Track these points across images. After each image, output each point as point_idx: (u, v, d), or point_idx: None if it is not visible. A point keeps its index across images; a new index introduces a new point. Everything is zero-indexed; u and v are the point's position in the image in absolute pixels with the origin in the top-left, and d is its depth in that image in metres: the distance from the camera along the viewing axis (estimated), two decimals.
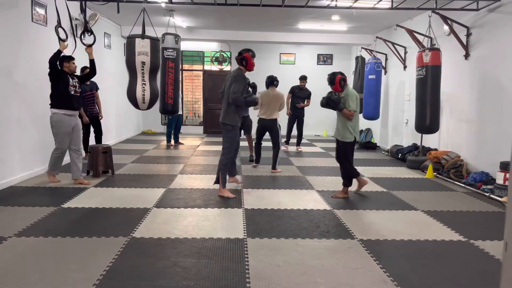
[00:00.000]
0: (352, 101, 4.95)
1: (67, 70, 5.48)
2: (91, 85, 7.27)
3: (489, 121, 6.07)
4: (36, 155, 6.05)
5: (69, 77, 5.46)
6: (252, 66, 5.02)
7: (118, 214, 4.32)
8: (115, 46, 9.93)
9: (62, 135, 5.42)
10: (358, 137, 5.16)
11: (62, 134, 5.41)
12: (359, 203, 4.96)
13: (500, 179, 5.25)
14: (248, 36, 10.98)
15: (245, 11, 8.08)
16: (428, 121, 6.55)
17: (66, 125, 5.41)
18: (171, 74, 6.71)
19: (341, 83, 4.98)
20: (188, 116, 13.49)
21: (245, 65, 4.98)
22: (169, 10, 8.17)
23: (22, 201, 4.72)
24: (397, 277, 2.94)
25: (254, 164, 7.29)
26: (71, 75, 5.52)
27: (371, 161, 8.14)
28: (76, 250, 3.34)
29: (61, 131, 5.40)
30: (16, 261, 3.11)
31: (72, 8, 6.86)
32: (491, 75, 6.05)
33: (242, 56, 4.99)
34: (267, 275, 2.95)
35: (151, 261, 3.14)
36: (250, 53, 5.02)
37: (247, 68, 5.00)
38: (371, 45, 10.66)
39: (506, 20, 5.74)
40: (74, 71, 5.59)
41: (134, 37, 5.96)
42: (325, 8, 6.80)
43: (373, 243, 3.60)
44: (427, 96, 6.50)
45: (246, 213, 4.43)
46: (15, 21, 5.58)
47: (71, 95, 5.41)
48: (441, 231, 3.98)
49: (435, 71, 6.47)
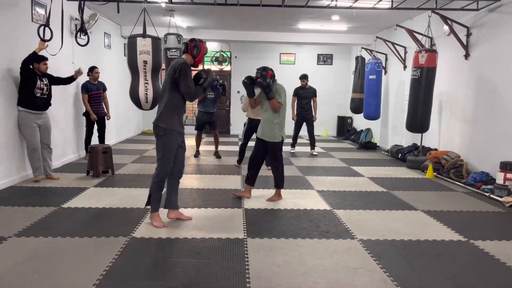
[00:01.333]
0: (282, 94, 4.78)
1: (37, 71, 5.53)
2: (98, 85, 7.33)
3: (489, 121, 6.07)
4: None
5: (38, 79, 5.54)
6: (201, 60, 4.11)
7: (118, 214, 4.32)
8: (115, 46, 9.92)
9: (29, 134, 5.54)
10: (285, 136, 4.95)
11: (29, 133, 5.54)
12: (359, 203, 4.96)
13: (500, 179, 5.25)
14: (248, 36, 10.99)
15: (245, 11, 8.08)
16: (419, 121, 6.71)
17: (31, 123, 5.53)
18: None
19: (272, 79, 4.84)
20: (188, 116, 13.48)
21: (195, 55, 3.97)
22: (169, 10, 8.17)
23: (22, 201, 4.72)
24: (397, 277, 2.94)
25: (237, 164, 7.29)
26: (41, 77, 5.59)
27: (371, 161, 8.14)
28: (76, 250, 3.34)
29: (27, 130, 5.53)
30: (16, 261, 3.10)
31: (72, 8, 6.87)
32: (491, 75, 6.05)
33: (196, 43, 3.99)
34: (267, 275, 2.95)
35: (151, 261, 3.15)
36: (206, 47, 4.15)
37: (196, 60, 4.00)
38: (371, 45, 10.66)
39: (506, 20, 5.74)
40: (44, 72, 5.64)
41: (136, 36, 5.96)
42: (325, 8, 6.81)
43: (373, 243, 3.60)
44: (419, 97, 6.64)
45: (246, 213, 4.43)
46: (15, 21, 5.58)
47: (36, 96, 5.52)
48: (441, 231, 3.98)
49: (429, 73, 6.54)
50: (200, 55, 3.99)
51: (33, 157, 5.59)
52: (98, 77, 7.31)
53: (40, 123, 5.65)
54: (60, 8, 5.78)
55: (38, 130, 5.64)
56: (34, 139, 5.57)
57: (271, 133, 4.82)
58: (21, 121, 5.51)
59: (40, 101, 5.60)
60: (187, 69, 3.83)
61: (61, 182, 5.67)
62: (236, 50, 12.85)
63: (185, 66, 3.82)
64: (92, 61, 7.97)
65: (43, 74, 5.64)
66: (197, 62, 4.01)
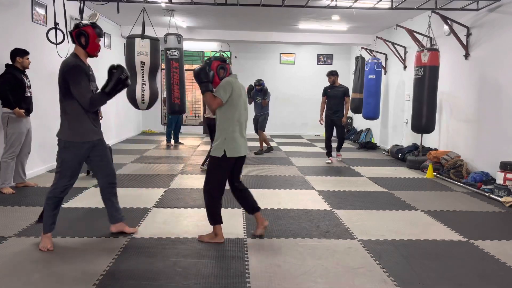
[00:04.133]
0: (224, 88, 3.44)
1: (20, 67, 5.04)
2: None
3: (489, 121, 6.07)
4: (36, 155, 6.04)
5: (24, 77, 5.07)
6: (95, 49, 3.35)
7: None
8: (115, 46, 9.92)
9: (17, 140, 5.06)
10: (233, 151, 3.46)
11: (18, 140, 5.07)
12: (359, 203, 4.96)
13: (500, 179, 5.25)
14: (248, 36, 10.99)
15: (245, 11, 8.07)
16: (425, 121, 6.62)
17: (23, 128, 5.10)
18: (176, 75, 6.72)
19: (219, 73, 3.57)
20: (188, 116, 13.49)
21: (83, 45, 3.30)
22: (169, 10, 8.17)
23: (22, 201, 4.72)
24: (397, 277, 2.94)
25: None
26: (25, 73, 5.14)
27: (371, 161, 8.14)
28: (76, 250, 3.34)
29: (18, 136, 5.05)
30: (16, 261, 3.11)
31: (72, 8, 6.87)
32: (491, 75, 6.05)
33: (80, 30, 3.27)
34: (267, 275, 2.95)
35: (151, 261, 3.14)
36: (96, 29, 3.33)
37: (88, 50, 3.33)
38: (371, 45, 10.66)
39: (506, 20, 5.74)
40: (27, 67, 5.15)
41: (134, 37, 5.96)
42: (325, 8, 6.81)
43: (373, 243, 3.60)
44: (424, 96, 6.58)
45: (246, 213, 4.43)
46: (15, 21, 5.58)
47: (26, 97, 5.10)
48: (441, 231, 3.98)
49: (433, 71, 6.51)
50: (91, 43, 3.29)
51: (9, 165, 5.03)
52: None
53: (28, 127, 5.22)
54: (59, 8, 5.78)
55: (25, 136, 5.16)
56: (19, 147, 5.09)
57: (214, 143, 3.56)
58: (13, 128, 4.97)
59: (30, 102, 5.21)
60: (78, 72, 3.20)
61: None
62: (236, 50, 12.85)
63: (74, 70, 3.20)
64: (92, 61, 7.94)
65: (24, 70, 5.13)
66: (91, 52, 3.34)
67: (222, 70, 3.57)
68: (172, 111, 7.02)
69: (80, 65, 3.27)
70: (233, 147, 3.46)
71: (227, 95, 3.43)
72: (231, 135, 3.46)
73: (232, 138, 3.46)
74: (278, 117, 13.00)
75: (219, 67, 3.56)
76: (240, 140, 3.52)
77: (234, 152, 3.47)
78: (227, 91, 3.43)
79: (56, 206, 3.40)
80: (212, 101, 3.45)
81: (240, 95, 3.52)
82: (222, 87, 3.45)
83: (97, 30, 3.34)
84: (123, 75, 3.25)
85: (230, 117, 3.48)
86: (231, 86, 3.45)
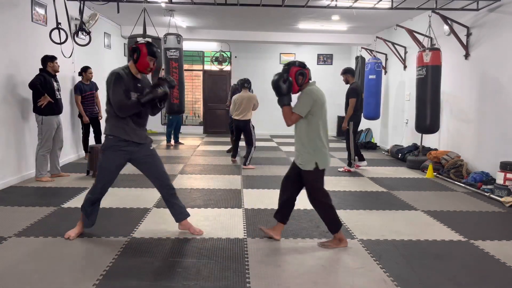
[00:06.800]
0: (303, 102, 3.32)
1: (51, 71, 5.67)
2: (91, 85, 7.25)
3: (489, 121, 6.07)
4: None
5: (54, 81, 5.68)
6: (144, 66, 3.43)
7: (118, 214, 4.32)
8: (115, 46, 9.92)
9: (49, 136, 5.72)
10: (324, 163, 3.40)
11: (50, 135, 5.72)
12: (359, 203, 4.96)
13: (500, 179, 5.25)
14: (248, 36, 10.99)
15: (245, 11, 8.07)
16: (429, 121, 6.53)
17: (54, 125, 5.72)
18: (175, 74, 6.73)
19: (298, 80, 3.38)
20: (188, 116, 13.49)
21: (135, 60, 3.44)
22: (169, 10, 8.17)
23: (22, 201, 4.72)
24: (397, 277, 2.94)
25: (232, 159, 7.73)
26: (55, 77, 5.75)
27: (371, 161, 8.14)
28: (76, 250, 3.34)
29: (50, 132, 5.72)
30: (16, 261, 3.11)
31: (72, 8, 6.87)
32: (491, 75, 6.05)
33: (135, 46, 3.44)
34: (267, 275, 2.95)
35: (151, 261, 3.14)
36: (148, 48, 3.41)
37: (137, 65, 3.45)
38: (371, 45, 10.66)
39: (506, 20, 5.74)
40: (58, 70, 5.81)
41: (135, 37, 5.97)
42: (325, 8, 6.80)
43: (373, 243, 3.60)
44: (427, 96, 6.49)
45: (246, 213, 4.43)
46: (15, 21, 5.58)
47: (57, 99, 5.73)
48: (441, 231, 3.98)
49: (435, 71, 6.46)
50: (140, 60, 3.40)
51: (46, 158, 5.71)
52: (91, 77, 7.20)
53: (58, 124, 5.83)
54: (60, 8, 5.79)
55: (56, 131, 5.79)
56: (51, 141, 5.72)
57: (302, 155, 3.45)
58: (47, 125, 5.60)
59: (60, 103, 5.81)
60: (115, 79, 3.34)
61: (61, 182, 5.68)
62: (236, 50, 12.85)
63: (112, 76, 3.36)
64: (92, 61, 7.96)
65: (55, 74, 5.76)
66: (139, 68, 3.44)
67: (301, 76, 3.38)
68: (171, 111, 7.03)
69: (119, 72, 3.39)
70: (323, 158, 3.39)
71: (307, 108, 3.29)
72: (319, 146, 3.36)
73: (319, 149, 3.37)
74: (278, 117, 12.98)
75: (298, 73, 3.37)
76: (327, 150, 3.45)
77: (325, 163, 3.39)
78: (307, 105, 3.30)
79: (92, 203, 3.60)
80: (289, 117, 3.35)
81: (323, 104, 3.37)
82: (301, 102, 3.31)
83: (148, 49, 3.41)
84: (161, 92, 3.37)
85: (314, 128, 3.36)
86: (312, 99, 3.31)
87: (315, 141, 3.36)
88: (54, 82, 5.69)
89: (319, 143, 3.37)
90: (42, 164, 5.66)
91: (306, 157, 3.38)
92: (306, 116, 3.32)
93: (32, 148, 5.85)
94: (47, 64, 5.63)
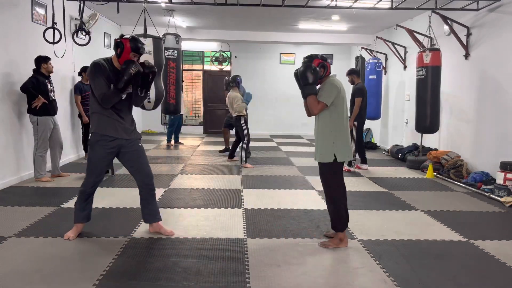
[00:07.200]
0: (329, 91, 3.29)
1: (45, 72, 5.61)
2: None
3: (489, 121, 6.07)
4: None
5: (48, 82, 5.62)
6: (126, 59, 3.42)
7: (118, 214, 4.32)
8: None
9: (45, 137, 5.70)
10: (347, 155, 3.40)
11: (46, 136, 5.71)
12: (359, 203, 4.96)
13: (500, 179, 5.25)
14: (248, 36, 10.99)
15: (245, 11, 8.07)
16: (429, 121, 6.56)
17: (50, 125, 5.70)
18: (172, 74, 6.71)
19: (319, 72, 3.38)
20: (188, 116, 13.49)
21: (118, 54, 3.43)
22: (169, 10, 8.17)
23: (22, 201, 4.72)
24: (397, 277, 2.94)
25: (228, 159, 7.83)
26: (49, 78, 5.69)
27: (371, 161, 8.14)
28: (76, 250, 3.34)
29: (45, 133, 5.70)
30: (16, 261, 3.10)
31: (72, 8, 6.87)
32: (491, 75, 6.05)
33: (119, 41, 3.44)
34: (267, 275, 2.95)
35: (151, 261, 3.14)
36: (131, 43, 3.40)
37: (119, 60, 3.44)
38: (371, 45, 10.66)
39: (506, 20, 5.74)
40: (51, 71, 5.74)
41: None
42: (325, 8, 6.80)
43: (373, 243, 3.60)
44: (427, 97, 6.52)
45: (246, 213, 4.43)
46: (15, 21, 5.58)
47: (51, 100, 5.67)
48: (441, 231, 3.98)
49: (435, 71, 6.48)
50: (123, 55, 3.40)
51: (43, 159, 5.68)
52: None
53: (54, 123, 5.79)
54: (58, 8, 5.78)
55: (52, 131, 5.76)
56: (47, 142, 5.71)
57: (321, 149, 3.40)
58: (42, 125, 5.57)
59: (54, 104, 5.75)
60: (94, 70, 3.34)
61: (61, 182, 5.68)
62: (236, 50, 12.85)
63: (91, 68, 3.36)
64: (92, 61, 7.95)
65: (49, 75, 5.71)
66: (121, 62, 3.43)
67: (323, 69, 3.34)
68: (167, 111, 7.03)
69: (99, 62, 3.38)
70: (343, 150, 3.35)
71: (332, 98, 3.27)
72: (340, 138, 3.33)
73: (341, 142, 3.34)
74: (278, 117, 13.02)
75: (319, 65, 3.31)
76: (349, 143, 3.42)
77: (344, 155, 3.36)
78: (333, 93, 3.27)
79: (84, 199, 3.61)
80: (315, 106, 3.29)
81: (344, 97, 3.36)
82: (326, 90, 3.29)
83: (132, 44, 3.40)
84: (133, 69, 3.32)
85: (336, 119, 3.33)
86: (336, 88, 3.29)
87: (337, 133, 3.34)
88: (48, 83, 5.63)
89: (340, 135, 3.35)
90: (40, 165, 5.65)
91: (325, 149, 3.36)
92: (330, 107, 3.30)
93: (31, 148, 5.84)
94: (40, 65, 5.57)
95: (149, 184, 3.71)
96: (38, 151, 5.62)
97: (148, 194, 3.72)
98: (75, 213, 3.65)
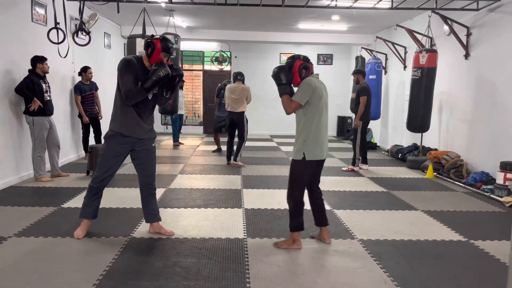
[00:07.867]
0: (303, 90, 3.32)
1: (40, 72, 5.55)
2: (91, 85, 7.24)
3: (489, 121, 6.07)
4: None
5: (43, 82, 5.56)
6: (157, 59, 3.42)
7: (118, 214, 4.32)
8: (115, 46, 9.92)
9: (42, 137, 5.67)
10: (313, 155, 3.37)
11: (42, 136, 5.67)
12: (359, 203, 4.96)
13: (500, 179, 5.25)
14: (248, 36, 10.99)
15: (245, 11, 8.07)
16: (420, 121, 6.81)
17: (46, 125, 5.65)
18: None
19: (301, 73, 3.39)
20: (188, 116, 13.49)
21: (148, 54, 3.42)
22: (169, 10, 8.17)
23: (22, 201, 4.72)
24: (397, 277, 2.94)
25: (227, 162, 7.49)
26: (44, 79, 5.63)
27: (371, 161, 8.13)
28: (76, 250, 3.34)
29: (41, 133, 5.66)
30: (16, 261, 3.10)
31: (72, 8, 6.87)
32: (491, 75, 6.05)
33: (150, 41, 3.43)
34: (267, 275, 2.95)
35: (151, 261, 3.14)
36: (162, 43, 3.40)
37: (150, 60, 3.43)
38: (371, 45, 10.66)
39: (506, 20, 5.74)
40: (47, 72, 5.68)
41: (135, 37, 5.97)
42: (325, 8, 6.81)
43: (373, 243, 3.60)
44: (420, 97, 6.73)
45: (246, 213, 4.43)
46: (15, 21, 5.58)
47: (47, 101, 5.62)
48: (441, 231, 3.98)
49: (430, 73, 6.59)
50: (154, 55, 3.40)
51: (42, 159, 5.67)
52: (91, 77, 7.18)
53: (50, 123, 5.75)
54: (58, 8, 5.79)
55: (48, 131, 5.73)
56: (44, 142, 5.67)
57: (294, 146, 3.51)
58: (38, 125, 5.54)
59: (50, 104, 5.71)
60: (123, 66, 3.36)
61: (61, 182, 5.68)
62: (236, 50, 12.85)
63: (121, 64, 3.38)
64: (92, 61, 7.97)
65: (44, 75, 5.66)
66: (152, 62, 3.45)
67: (305, 70, 3.39)
68: (164, 111, 7.05)
69: (130, 59, 3.41)
70: (313, 150, 3.36)
71: (307, 97, 3.30)
72: (311, 137, 3.35)
73: (311, 141, 3.35)
74: (278, 117, 13.00)
75: (301, 66, 3.38)
76: (320, 142, 3.40)
77: (313, 155, 3.36)
78: (306, 93, 3.30)
79: (94, 195, 3.60)
80: (289, 105, 3.34)
81: (321, 96, 3.38)
82: (301, 89, 3.33)
83: (163, 44, 3.40)
84: (162, 72, 3.33)
85: (310, 118, 3.35)
86: (311, 88, 3.31)
87: (308, 132, 3.36)
88: (43, 83, 5.58)
89: (312, 135, 3.36)
90: (39, 165, 5.64)
91: (297, 146, 3.40)
92: (304, 106, 3.34)
93: (30, 148, 5.84)
94: (36, 65, 5.51)
95: (150, 184, 3.71)
96: (36, 152, 5.61)
97: (148, 194, 3.73)
98: (82, 208, 3.65)
